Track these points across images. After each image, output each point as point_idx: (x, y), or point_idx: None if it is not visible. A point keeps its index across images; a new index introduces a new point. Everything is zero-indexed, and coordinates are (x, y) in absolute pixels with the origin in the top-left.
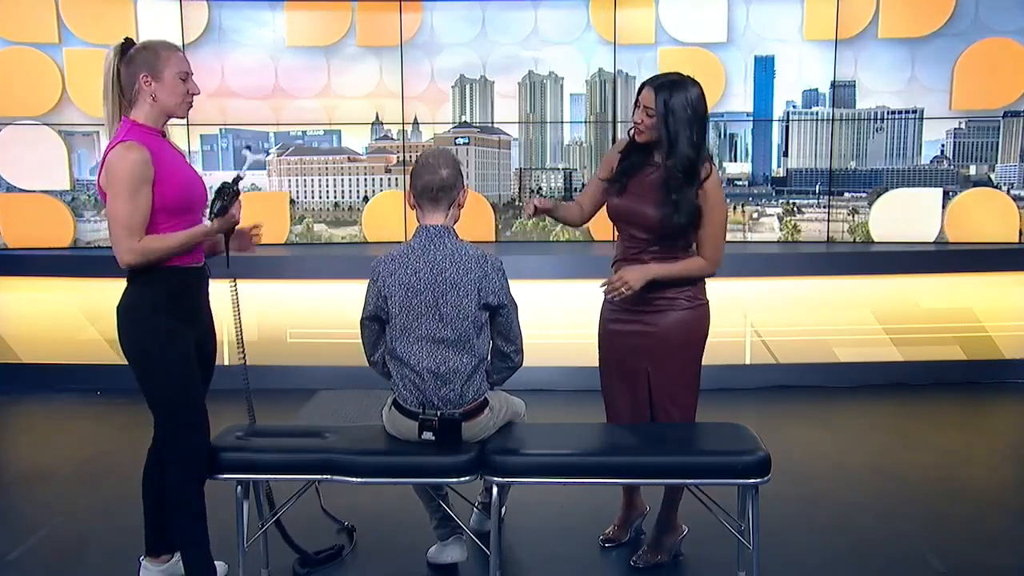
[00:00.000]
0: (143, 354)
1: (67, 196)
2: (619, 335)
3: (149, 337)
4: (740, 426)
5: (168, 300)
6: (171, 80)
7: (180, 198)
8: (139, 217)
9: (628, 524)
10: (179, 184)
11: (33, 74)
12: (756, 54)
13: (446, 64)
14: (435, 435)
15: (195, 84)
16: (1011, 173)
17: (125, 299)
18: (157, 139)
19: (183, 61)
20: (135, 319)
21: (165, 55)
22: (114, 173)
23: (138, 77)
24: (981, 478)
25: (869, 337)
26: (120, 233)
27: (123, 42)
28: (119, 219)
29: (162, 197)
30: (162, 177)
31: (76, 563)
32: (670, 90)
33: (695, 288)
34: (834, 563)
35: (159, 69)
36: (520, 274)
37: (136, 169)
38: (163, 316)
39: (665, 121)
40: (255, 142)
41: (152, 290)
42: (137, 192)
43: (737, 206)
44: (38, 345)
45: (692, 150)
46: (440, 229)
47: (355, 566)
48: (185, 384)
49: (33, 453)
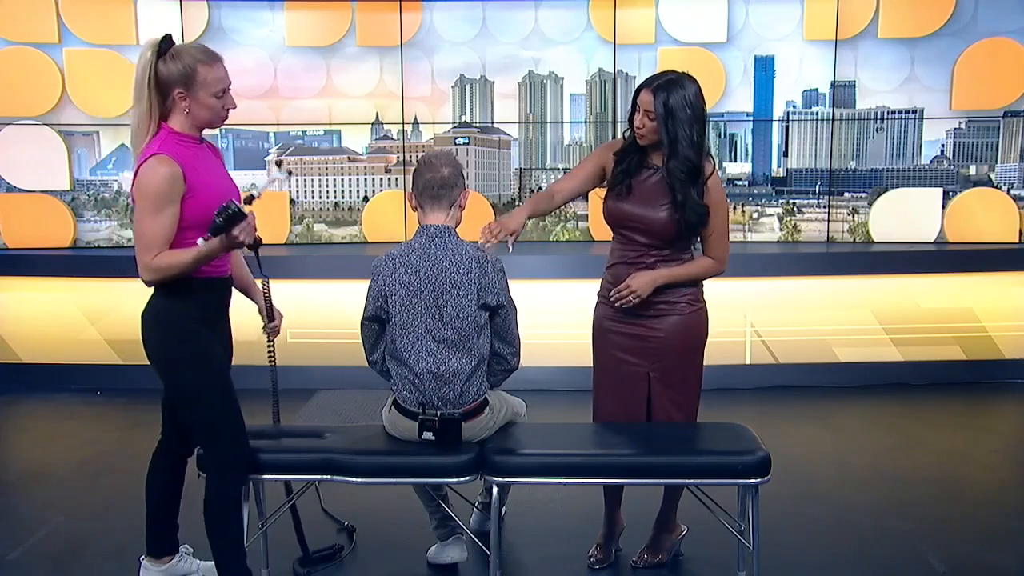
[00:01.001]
0: (179, 363)
1: (67, 196)
2: (618, 336)
3: (186, 346)
4: (740, 426)
5: (201, 310)
6: (205, 98)
7: (211, 214)
8: (162, 235)
9: (612, 540)
10: (211, 200)
11: (33, 74)
12: (756, 54)
13: (446, 64)
14: (435, 435)
15: (232, 99)
16: (1011, 173)
17: (155, 307)
18: (192, 147)
19: (221, 75)
20: (170, 329)
21: (203, 73)
22: (142, 187)
23: (172, 91)
24: (981, 478)
25: (869, 337)
26: (138, 249)
27: (161, 40)
28: (140, 235)
29: (193, 212)
30: (194, 192)
31: (76, 563)
32: (668, 90)
33: (695, 290)
34: (834, 563)
35: (194, 87)
36: (520, 274)
37: (164, 186)
38: (197, 325)
39: (665, 123)
40: (256, 141)
41: (185, 300)
42: (162, 210)
43: (737, 206)
44: (38, 345)
45: (693, 150)
46: (441, 229)
47: (355, 566)
48: (224, 391)
49: (33, 453)
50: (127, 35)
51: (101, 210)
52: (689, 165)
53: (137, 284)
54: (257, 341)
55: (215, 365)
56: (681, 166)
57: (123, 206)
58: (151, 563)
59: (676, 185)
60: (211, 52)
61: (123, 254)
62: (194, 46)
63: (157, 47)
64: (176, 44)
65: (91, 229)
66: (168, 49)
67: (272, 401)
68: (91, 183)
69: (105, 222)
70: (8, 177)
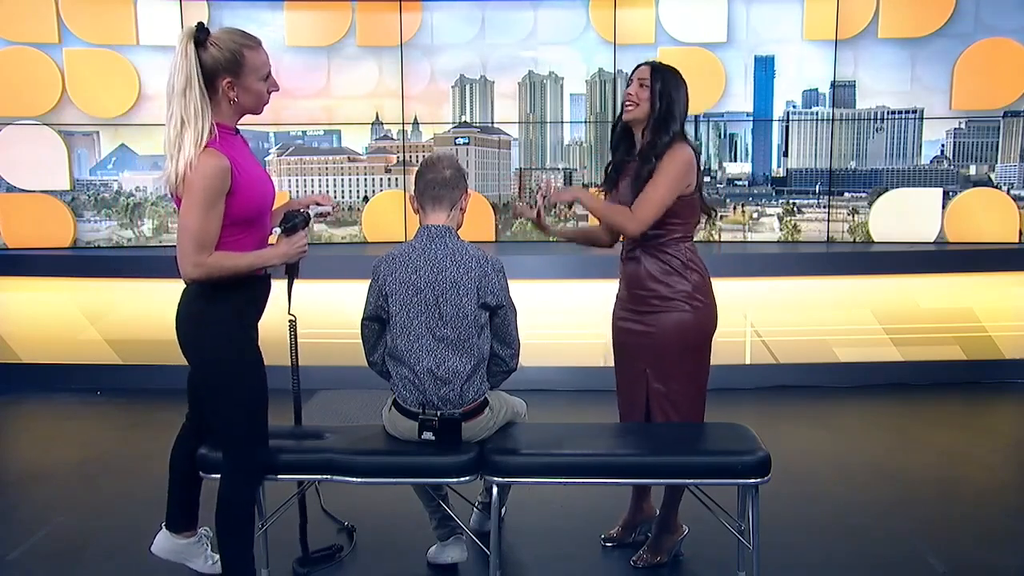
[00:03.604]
0: (221, 363)
1: (67, 196)
2: (622, 333)
3: (231, 348)
4: (740, 426)
5: (243, 310)
6: (253, 83)
7: (254, 209)
8: (212, 232)
9: (633, 527)
10: (253, 194)
11: (33, 74)
12: (756, 54)
13: (446, 64)
14: (435, 435)
15: (275, 81)
16: (1011, 173)
17: (197, 307)
18: (231, 139)
19: (265, 59)
20: (214, 329)
21: (249, 57)
22: (192, 181)
23: (219, 80)
24: (981, 478)
25: (869, 337)
26: (188, 246)
27: (197, 28)
28: (190, 230)
29: (237, 209)
30: (239, 187)
31: (76, 563)
32: (664, 69)
33: (693, 288)
34: (834, 563)
35: (242, 73)
36: (520, 274)
37: (216, 180)
38: (241, 326)
39: (660, 94)
40: (256, 141)
41: (227, 300)
42: (214, 205)
43: (737, 206)
44: (38, 345)
45: (678, 122)
46: (441, 229)
47: (355, 566)
48: (261, 394)
49: (33, 453)
50: (127, 35)
51: (101, 210)
52: (667, 139)
53: (137, 284)
54: (273, 341)
55: (257, 368)
56: (659, 137)
57: (123, 206)
58: (169, 534)
59: (645, 156)
60: (251, 35)
61: (123, 254)
62: (233, 30)
63: (195, 36)
64: (211, 32)
65: (91, 229)
66: (206, 38)
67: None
68: (91, 183)
69: (105, 222)
70: (8, 177)
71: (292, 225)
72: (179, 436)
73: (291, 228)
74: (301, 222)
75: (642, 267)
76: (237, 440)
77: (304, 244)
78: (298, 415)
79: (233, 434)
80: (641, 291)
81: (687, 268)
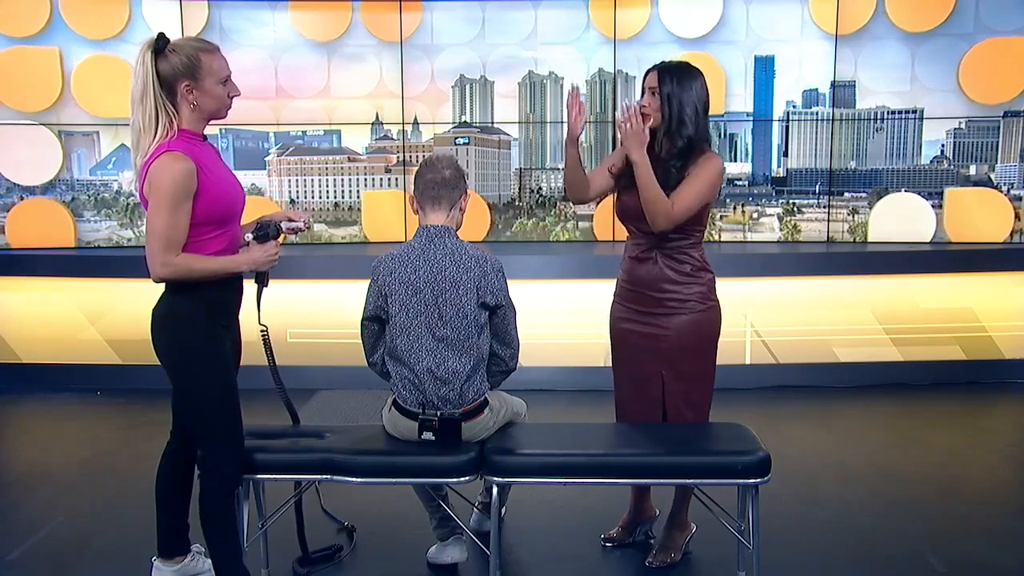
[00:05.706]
0: (185, 362)
1: (67, 196)
2: (631, 335)
3: (195, 345)
4: (740, 426)
5: (213, 308)
6: (212, 86)
7: (220, 211)
8: (179, 232)
9: (633, 527)
10: (220, 195)
11: (33, 73)
12: (756, 54)
13: (446, 64)
14: (435, 435)
15: (235, 86)
16: (1011, 173)
17: (165, 306)
18: (199, 144)
19: (223, 64)
20: (181, 327)
21: (206, 61)
22: (158, 184)
23: (178, 85)
24: (981, 478)
25: (869, 337)
26: (156, 246)
27: (156, 38)
28: (157, 232)
29: (203, 210)
30: (205, 189)
31: (76, 563)
32: (672, 71)
33: (706, 289)
34: (834, 563)
35: (200, 76)
36: (520, 274)
37: (180, 182)
38: (209, 324)
39: (669, 101)
40: (256, 141)
41: (197, 298)
42: (179, 206)
43: (737, 206)
44: (38, 345)
45: (695, 129)
46: (441, 229)
47: (355, 566)
48: (227, 392)
49: (33, 453)
50: (127, 35)
51: (101, 210)
52: (683, 144)
53: (137, 284)
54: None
55: (221, 366)
56: (675, 143)
57: (123, 206)
58: (162, 563)
59: (668, 162)
60: (208, 42)
61: (123, 254)
62: (190, 38)
63: (154, 45)
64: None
65: (91, 229)
66: (165, 46)
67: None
68: (91, 183)
69: (105, 222)
70: (8, 177)
71: (264, 234)
72: (163, 455)
73: (263, 236)
74: (273, 231)
75: (660, 269)
76: (208, 439)
77: (275, 253)
78: (294, 420)
79: (203, 433)
80: (656, 293)
81: (701, 270)
